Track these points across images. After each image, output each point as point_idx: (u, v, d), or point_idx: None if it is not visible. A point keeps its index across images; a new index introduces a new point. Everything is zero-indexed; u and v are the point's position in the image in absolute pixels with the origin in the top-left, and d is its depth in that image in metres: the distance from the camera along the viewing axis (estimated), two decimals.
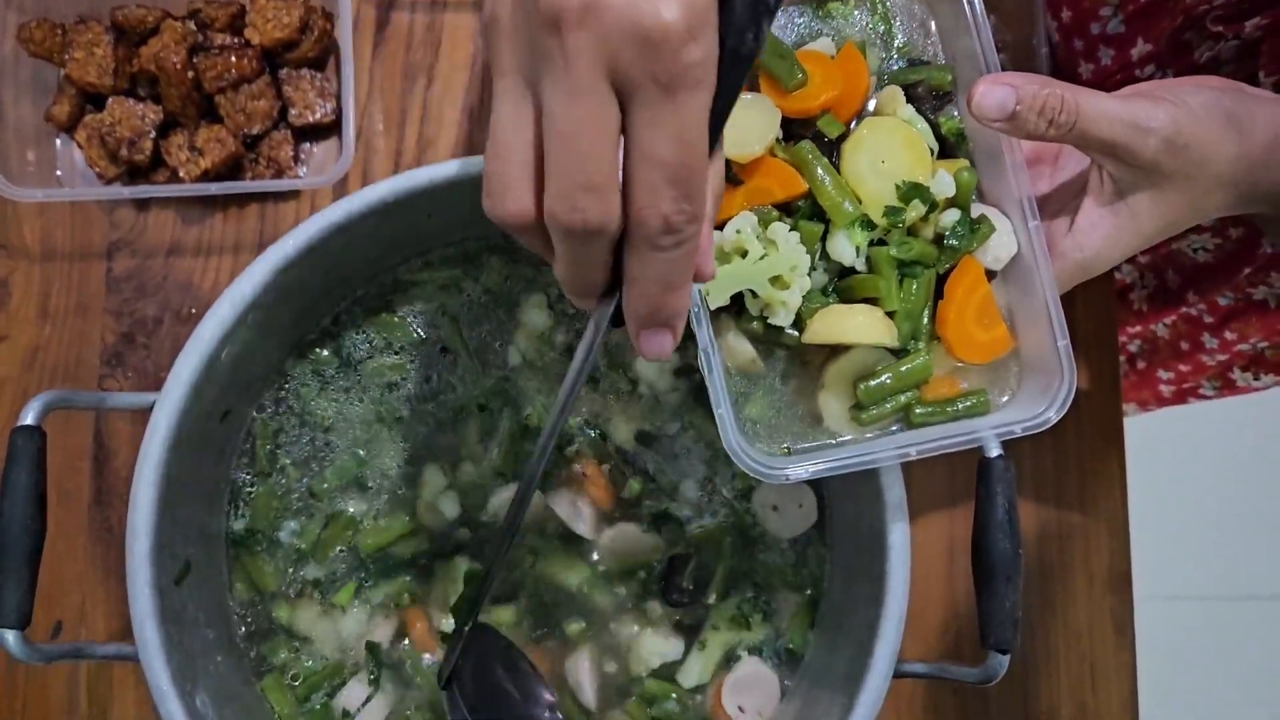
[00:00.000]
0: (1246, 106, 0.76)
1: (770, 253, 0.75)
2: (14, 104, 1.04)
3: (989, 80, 0.73)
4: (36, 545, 0.75)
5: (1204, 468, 2.37)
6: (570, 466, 0.97)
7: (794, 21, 0.82)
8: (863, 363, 0.79)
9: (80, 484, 1.05)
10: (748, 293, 0.76)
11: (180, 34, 1.03)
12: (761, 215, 0.77)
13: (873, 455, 0.76)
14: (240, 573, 0.95)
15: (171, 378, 0.80)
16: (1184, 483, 2.31)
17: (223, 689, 0.85)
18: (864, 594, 0.85)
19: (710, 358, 0.74)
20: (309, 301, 0.93)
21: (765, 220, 0.77)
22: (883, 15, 0.83)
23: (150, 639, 0.77)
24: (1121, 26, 1.06)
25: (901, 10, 0.83)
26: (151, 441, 0.79)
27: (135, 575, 0.77)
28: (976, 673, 0.77)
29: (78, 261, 1.07)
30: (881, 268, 0.77)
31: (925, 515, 1.06)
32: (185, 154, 1.04)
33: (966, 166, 0.79)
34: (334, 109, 1.07)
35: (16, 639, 0.74)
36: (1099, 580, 1.07)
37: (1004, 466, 0.76)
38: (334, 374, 0.97)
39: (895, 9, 0.83)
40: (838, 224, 0.77)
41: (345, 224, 0.83)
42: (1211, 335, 1.25)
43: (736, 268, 0.75)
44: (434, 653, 0.95)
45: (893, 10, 0.83)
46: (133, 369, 1.06)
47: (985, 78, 0.74)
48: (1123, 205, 0.76)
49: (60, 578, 1.03)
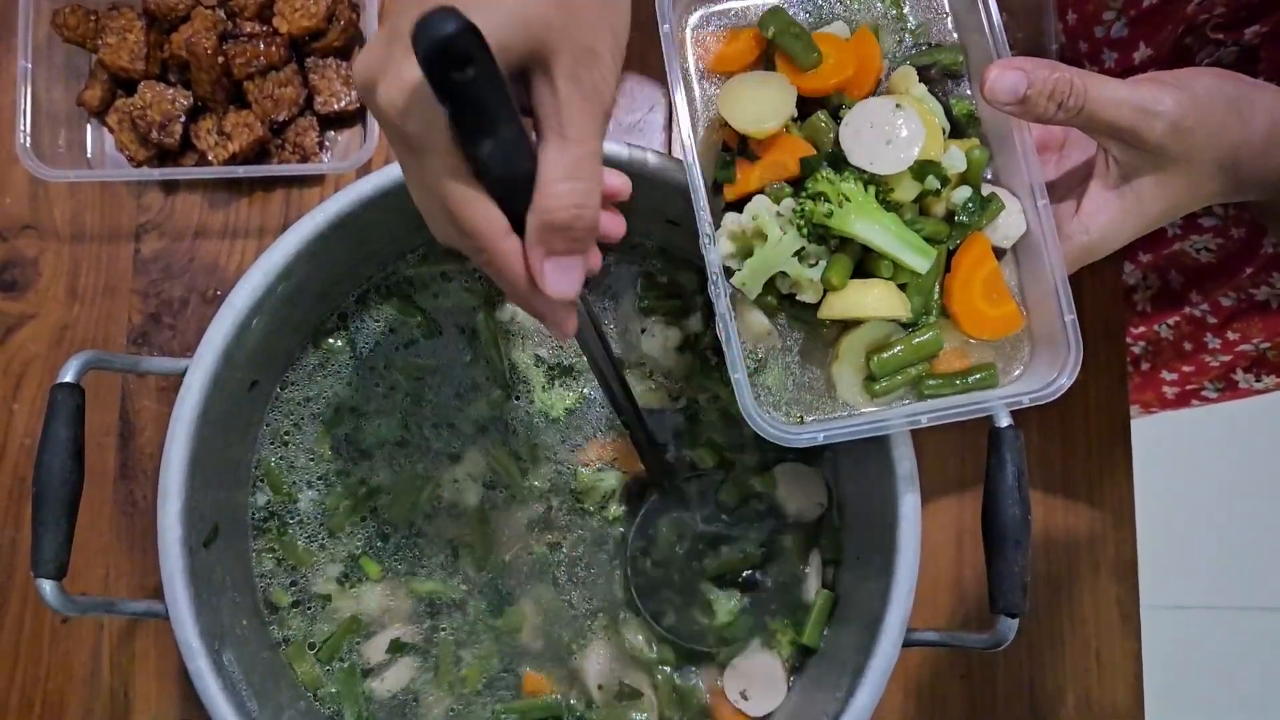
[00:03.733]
0: (1247, 93, 0.78)
1: (789, 231, 0.77)
2: (47, 88, 1.07)
3: (1001, 65, 0.75)
4: (74, 497, 0.77)
5: (1208, 477, 2.37)
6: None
7: (810, 2, 0.84)
8: (875, 336, 0.80)
9: (106, 459, 1.07)
10: (778, 274, 0.79)
11: (211, 21, 1.06)
12: (774, 192, 0.79)
13: (884, 422, 0.78)
14: (265, 543, 0.97)
15: (204, 343, 0.82)
16: (1188, 491, 2.31)
17: (248, 651, 0.87)
18: (875, 565, 0.87)
19: (728, 325, 0.76)
20: (336, 275, 0.95)
21: (778, 196, 0.79)
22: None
23: (180, 595, 0.79)
24: (1124, 30, 1.09)
25: None
26: (184, 403, 0.81)
27: (166, 532, 0.79)
28: (985, 639, 0.79)
29: (106, 243, 1.10)
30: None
31: (934, 501, 1.07)
32: (214, 138, 1.07)
33: (977, 145, 0.81)
34: (358, 97, 1.09)
35: (53, 589, 0.75)
36: (1105, 569, 1.09)
37: (1014, 435, 0.78)
38: (357, 348, 1.00)
39: None
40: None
41: (374, 198, 0.85)
42: (1214, 336, 1.26)
43: (762, 255, 0.77)
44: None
45: None
46: (159, 348, 1.08)
47: (997, 62, 0.76)
48: (1128, 189, 0.78)
49: (86, 550, 1.05)
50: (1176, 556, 2.18)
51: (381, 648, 0.95)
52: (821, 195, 0.76)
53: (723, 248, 0.79)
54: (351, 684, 0.94)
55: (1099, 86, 0.74)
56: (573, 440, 1.00)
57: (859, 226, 0.76)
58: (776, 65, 0.81)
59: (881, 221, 0.76)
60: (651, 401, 1.00)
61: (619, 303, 1.01)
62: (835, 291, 0.78)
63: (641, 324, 1.01)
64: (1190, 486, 2.32)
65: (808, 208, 0.76)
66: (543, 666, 0.97)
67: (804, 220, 0.76)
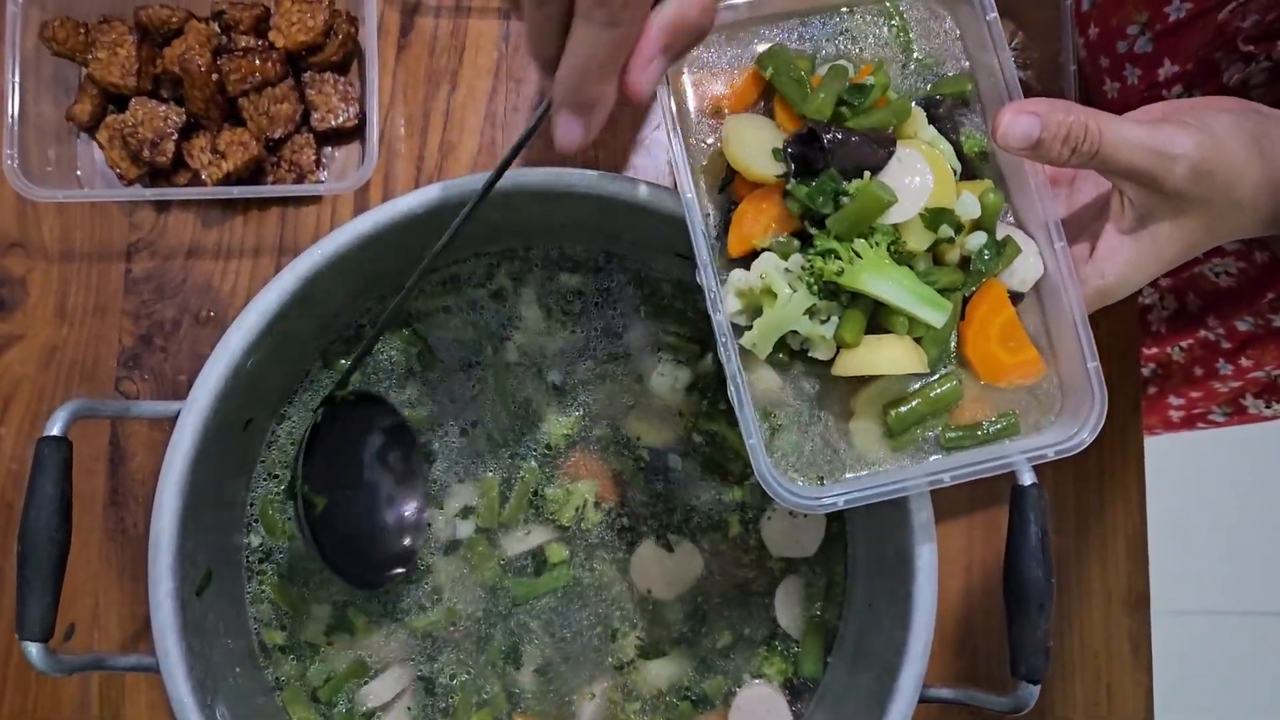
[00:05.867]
0: (1266, 129, 0.75)
1: (799, 289, 0.74)
2: (35, 102, 1.03)
3: (1014, 109, 0.72)
4: (61, 556, 0.74)
5: (1217, 483, 2.36)
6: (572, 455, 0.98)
7: (809, 34, 0.81)
8: (892, 388, 0.78)
9: (96, 486, 1.04)
10: (789, 332, 0.76)
11: (204, 35, 1.02)
12: (781, 248, 0.76)
13: (905, 483, 0.76)
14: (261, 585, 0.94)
15: (197, 386, 0.79)
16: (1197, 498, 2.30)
17: (242, 700, 0.85)
18: (888, 614, 0.85)
19: (740, 388, 0.74)
20: (332, 311, 0.92)
21: (785, 252, 0.76)
22: (900, 27, 0.82)
23: (172, 650, 0.77)
24: (1149, 46, 1.05)
25: (920, 21, 0.82)
26: (176, 451, 0.78)
27: (157, 586, 0.77)
28: (1006, 702, 0.77)
29: (96, 262, 1.07)
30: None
31: (945, 532, 1.05)
32: (207, 156, 1.04)
33: (991, 188, 0.78)
34: (357, 113, 1.06)
35: (40, 651, 0.73)
36: (1117, 600, 1.07)
37: (1037, 494, 0.76)
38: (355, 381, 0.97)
39: (912, 19, 0.82)
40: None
41: (373, 235, 0.82)
42: (1227, 361, 1.24)
43: (771, 315, 0.74)
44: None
45: (910, 21, 0.82)
46: (150, 371, 1.06)
47: (1009, 106, 0.73)
48: (1144, 233, 0.75)
49: (74, 579, 1.02)
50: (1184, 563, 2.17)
51: (381, 690, 0.93)
52: (831, 252, 0.73)
53: (730, 306, 0.76)
54: None
55: (1115, 129, 0.71)
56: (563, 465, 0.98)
57: (871, 283, 0.73)
58: (775, 106, 0.78)
59: (894, 277, 0.73)
60: (654, 441, 0.98)
61: (620, 338, 0.99)
62: (849, 349, 0.75)
63: (652, 361, 0.98)
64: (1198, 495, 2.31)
65: (817, 265, 0.73)
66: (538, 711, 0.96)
67: (814, 278, 0.73)
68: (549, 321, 0.98)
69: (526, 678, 0.95)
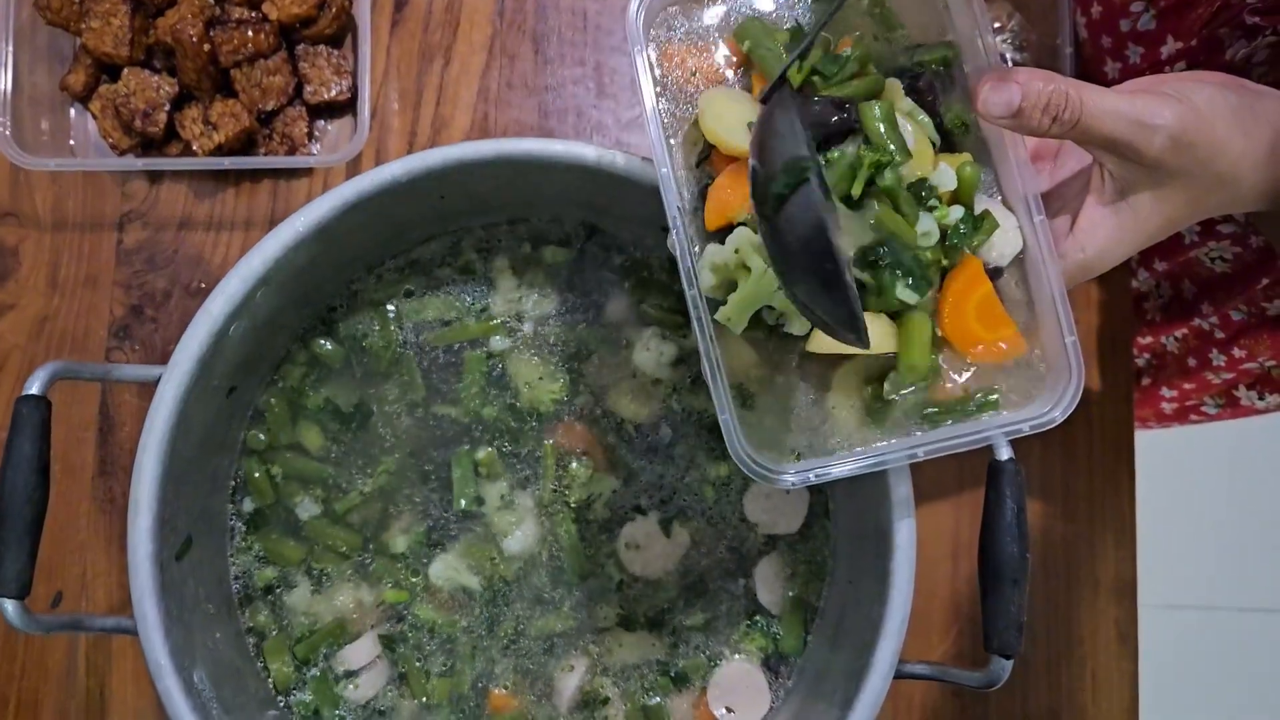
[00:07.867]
0: (1249, 102, 0.75)
1: None
2: (29, 72, 1.04)
3: (994, 78, 0.72)
4: (38, 515, 0.75)
5: (1208, 477, 2.35)
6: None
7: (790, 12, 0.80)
8: (870, 364, 0.77)
9: (85, 455, 1.05)
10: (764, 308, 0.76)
11: (198, 6, 1.02)
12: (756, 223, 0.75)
13: (881, 458, 0.75)
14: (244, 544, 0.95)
15: (179, 351, 0.80)
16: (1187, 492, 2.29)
17: (220, 665, 0.85)
18: (867, 592, 0.85)
19: (713, 364, 0.73)
20: (318, 280, 0.93)
21: None
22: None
23: (150, 614, 0.77)
24: (1152, 23, 1.05)
25: None
26: (156, 415, 0.78)
27: (136, 549, 0.77)
28: (979, 677, 0.76)
29: (88, 232, 1.07)
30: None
31: (930, 513, 1.05)
32: (199, 127, 1.04)
33: (969, 161, 0.77)
34: (349, 87, 1.06)
35: (16, 608, 0.73)
36: (1104, 588, 1.06)
37: (1014, 470, 0.76)
38: (339, 353, 0.97)
39: None
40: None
41: (357, 202, 0.82)
42: (1220, 352, 1.23)
43: (746, 289, 0.74)
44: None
45: None
46: (140, 342, 1.06)
47: (990, 74, 0.72)
48: (1124, 205, 0.75)
49: (62, 548, 1.03)
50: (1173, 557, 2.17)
51: (357, 654, 0.94)
52: None
53: (705, 280, 0.75)
54: (326, 688, 0.93)
55: (1095, 98, 0.71)
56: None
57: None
58: (753, 87, 0.78)
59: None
60: (639, 415, 0.98)
61: (602, 311, 0.99)
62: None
63: (636, 335, 0.98)
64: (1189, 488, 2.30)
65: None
66: (513, 683, 0.96)
67: None
68: (527, 289, 0.98)
69: (505, 651, 0.95)
